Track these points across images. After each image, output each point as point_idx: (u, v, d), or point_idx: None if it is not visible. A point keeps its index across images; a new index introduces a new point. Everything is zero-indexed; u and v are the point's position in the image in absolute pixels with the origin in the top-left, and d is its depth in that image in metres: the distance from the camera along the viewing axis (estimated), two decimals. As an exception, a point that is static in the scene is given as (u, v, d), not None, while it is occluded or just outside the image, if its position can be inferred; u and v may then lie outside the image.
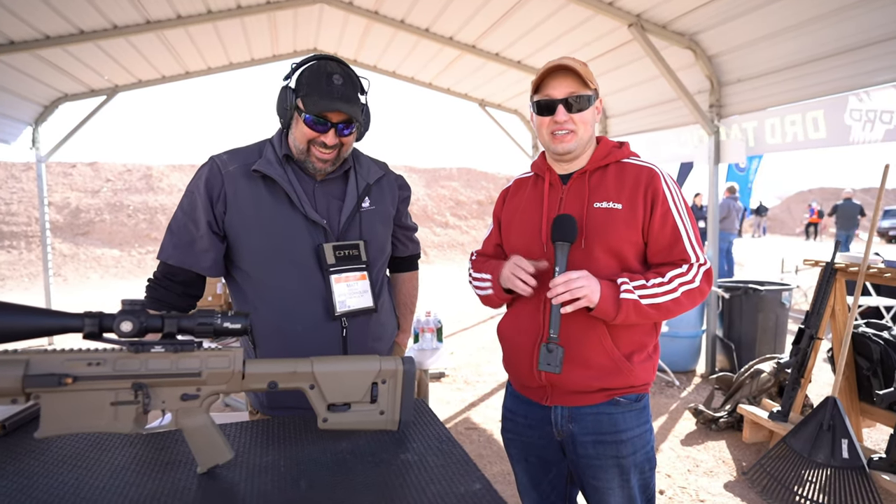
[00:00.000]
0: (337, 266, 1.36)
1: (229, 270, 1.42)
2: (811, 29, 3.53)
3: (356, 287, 1.39)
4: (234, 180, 1.34)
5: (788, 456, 2.59)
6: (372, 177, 1.47)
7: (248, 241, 1.34)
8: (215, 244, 1.35)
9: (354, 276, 1.38)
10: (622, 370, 1.31)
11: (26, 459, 1.00)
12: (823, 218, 22.96)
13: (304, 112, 1.29)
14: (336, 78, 1.29)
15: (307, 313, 1.35)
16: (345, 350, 1.39)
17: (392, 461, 1.00)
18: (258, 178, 1.35)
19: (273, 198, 1.34)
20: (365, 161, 1.50)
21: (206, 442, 0.95)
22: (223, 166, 1.35)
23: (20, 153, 19.48)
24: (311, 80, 1.30)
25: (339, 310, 1.35)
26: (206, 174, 1.35)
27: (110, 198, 14.16)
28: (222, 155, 1.39)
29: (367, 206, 1.44)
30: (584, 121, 1.32)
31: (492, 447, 3.34)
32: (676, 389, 4.34)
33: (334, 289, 1.35)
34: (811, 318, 2.95)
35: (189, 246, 1.35)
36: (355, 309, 1.38)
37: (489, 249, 1.53)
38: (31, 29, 4.41)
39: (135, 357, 0.90)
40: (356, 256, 1.39)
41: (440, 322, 3.42)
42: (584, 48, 5.03)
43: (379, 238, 1.46)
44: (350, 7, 5.27)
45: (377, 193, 1.48)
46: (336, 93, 1.28)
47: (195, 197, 1.35)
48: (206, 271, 1.37)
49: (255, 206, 1.33)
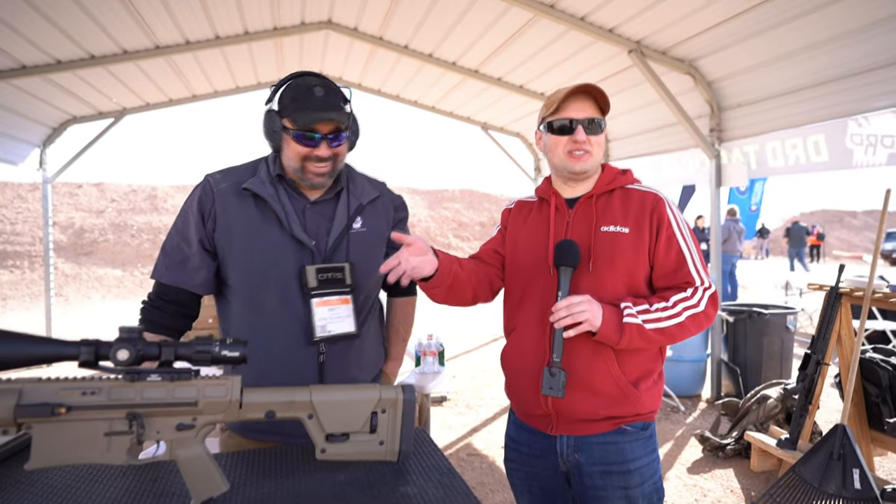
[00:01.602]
0: (319, 289, 1.32)
1: (220, 289, 1.40)
2: (810, 55, 3.57)
3: (338, 311, 1.34)
4: (225, 198, 1.34)
5: (798, 486, 2.53)
6: (365, 197, 1.44)
7: (235, 259, 1.33)
8: (206, 262, 1.34)
9: (338, 300, 1.34)
10: (629, 397, 1.29)
11: (15, 492, 0.98)
12: (823, 240, 23.17)
13: (293, 130, 1.29)
14: (317, 90, 1.29)
15: (284, 335, 1.32)
16: (321, 377, 1.34)
17: (391, 494, 0.97)
18: (249, 196, 1.34)
19: (262, 216, 1.33)
20: (360, 181, 1.48)
21: (200, 473, 0.92)
22: (215, 184, 1.36)
23: (27, 174, 19.68)
24: (293, 97, 1.29)
25: (318, 334, 1.32)
26: (199, 193, 1.36)
27: (115, 218, 14.25)
28: (216, 174, 1.39)
29: (357, 228, 1.41)
30: (598, 143, 1.34)
31: (494, 475, 3.27)
32: (682, 415, 4.27)
33: (314, 312, 1.32)
34: (817, 343, 2.91)
35: (182, 264, 1.34)
36: (336, 334, 1.34)
37: (485, 254, 1.49)
38: (43, 53, 4.50)
39: (130, 386, 0.89)
40: (340, 280, 1.35)
41: (442, 345, 3.38)
42: (584, 73, 5.10)
43: (368, 261, 1.41)
44: (355, 33, 5.37)
45: (370, 214, 1.44)
46: (320, 104, 1.28)
47: (188, 216, 1.35)
48: (198, 289, 1.36)
49: (243, 224, 1.33)
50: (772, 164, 4.24)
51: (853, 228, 33.51)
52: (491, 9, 4.33)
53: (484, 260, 1.47)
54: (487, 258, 1.47)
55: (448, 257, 1.32)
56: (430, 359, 3.27)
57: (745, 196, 13.20)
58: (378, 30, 5.27)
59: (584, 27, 4.14)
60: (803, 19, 3.35)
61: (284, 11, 4.85)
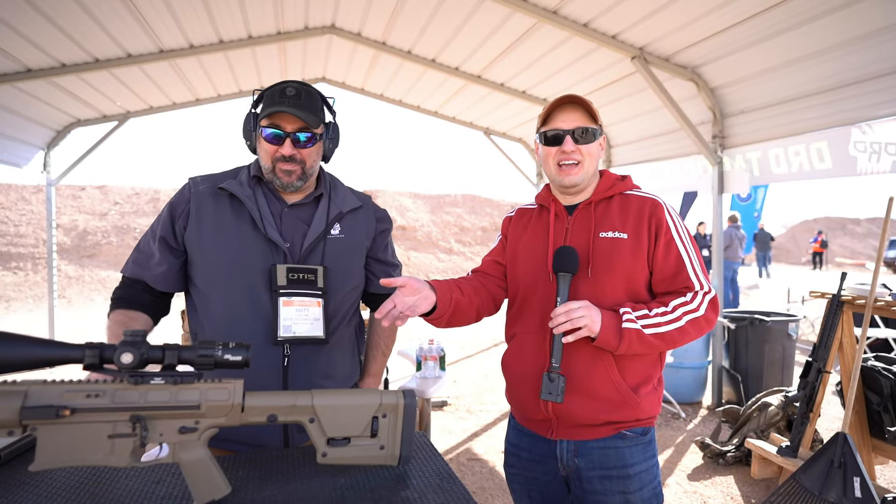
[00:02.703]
0: (287, 288, 1.30)
1: (188, 287, 1.41)
2: (813, 62, 3.58)
3: (306, 313, 1.32)
4: (201, 198, 1.37)
5: (799, 493, 2.52)
6: (346, 206, 1.44)
7: (203, 257, 1.34)
8: (167, 258, 1.36)
9: (307, 302, 1.32)
10: (629, 403, 1.30)
11: (20, 493, 0.98)
12: (826, 248, 23.14)
13: (263, 127, 1.33)
14: (289, 90, 1.32)
15: (248, 333, 1.29)
16: (285, 382, 1.30)
17: (392, 498, 0.98)
18: (225, 196, 1.37)
19: (236, 217, 1.35)
20: (342, 190, 1.48)
21: (203, 476, 0.93)
22: (194, 186, 1.40)
23: (31, 176, 19.77)
24: (267, 96, 1.34)
25: (281, 334, 1.29)
26: (177, 194, 1.41)
27: (117, 220, 14.29)
28: (199, 177, 1.43)
29: (335, 234, 1.40)
30: (590, 153, 1.34)
31: (494, 479, 3.27)
32: (682, 422, 4.26)
33: (280, 311, 1.29)
34: (819, 350, 2.90)
35: (147, 259, 1.38)
36: (301, 336, 1.30)
37: (487, 266, 1.51)
38: (48, 57, 4.53)
39: (134, 389, 0.89)
40: (312, 281, 1.33)
41: (443, 350, 3.39)
42: (587, 79, 5.11)
43: (343, 267, 1.40)
44: (358, 38, 5.40)
45: (350, 222, 1.44)
46: (287, 101, 1.31)
47: (162, 214, 1.40)
48: (156, 282, 1.36)
49: (215, 222, 1.35)
50: (775, 170, 4.25)
51: (856, 236, 33.44)
52: (494, 14, 4.35)
53: (487, 272, 1.49)
54: (490, 270, 1.50)
55: (446, 286, 1.32)
56: (430, 363, 3.28)
57: (747, 203, 13.18)
58: (381, 35, 5.30)
59: (586, 33, 4.16)
60: (808, 26, 3.36)
61: (288, 16, 4.89)
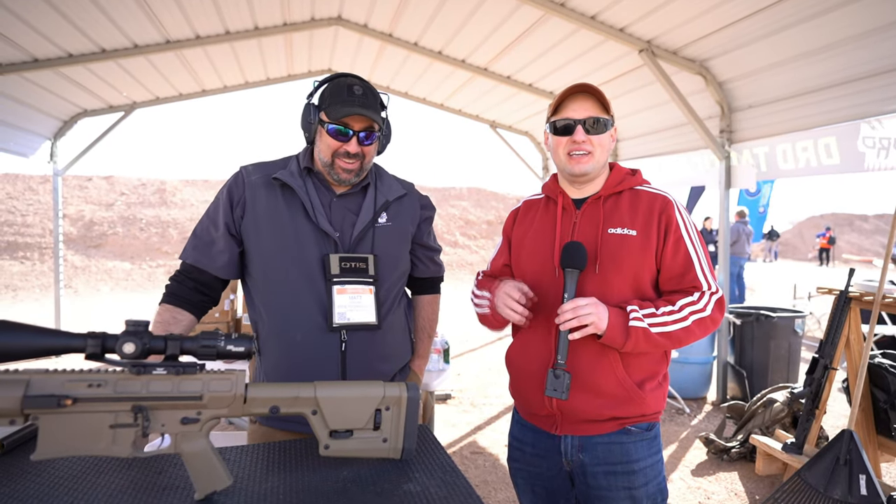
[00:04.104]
0: (341, 277, 1.35)
1: (244, 276, 1.45)
2: (822, 57, 3.53)
3: (360, 300, 1.37)
4: (255, 188, 1.40)
5: (804, 490, 2.51)
6: (392, 194, 1.48)
7: (259, 246, 1.38)
8: (231, 246, 1.40)
9: (359, 289, 1.37)
10: (634, 399, 1.29)
11: (21, 481, 0.98)
12: (834, 244, 22.96)
13: (328, 123, 1.35)
14: (356, 88, 1.35)
15: (306, 321, 1.34)
16: (343, 365, 1.36)
17: (394, 491, 0.97)
18: (277, 187, 1.40)
19: (288, 206, 1.38)
20: (387, 178, 1.53)
21: (204, 467, 0.93)
22: (247, 175, 1.43)
23: (38, 166, 19.86)
24: (332, 92, 1.36)
25: (336, 321, 1.34)
26: (231, 182, 1.44)
27: (124, 211, 14.36)
28: (249, 166, 1.46)
29: (382, 222, 1.45)
30: (601, 143, 1.32)
31: (497, 473, 3.27)
32: (687, 417, 4.25)
33: (335, 299, 1.34)
34: (825, 347, 2.88)
35: (207, 247, 1.40)
36: (355, 322, 1.36)
37: (497, 269, 1.51)
38: (55, 47, 4.53)
39: (136, 379, 0.89)
40: (363, 269, 1.38)
41: (447, 343, 3.38)
42: (595, 72, 5.07)
43: (392, 254, 1.45)
44: (365, 29, 5.37)
45: (396, 210, 1.48)
46: (357, 101, 1.34)
47: (219, 202, 1.43)
48: (219, 271, 1.40)
49: (269, 212, 1.38)
50: (782, 166, 4.20)
51: (864, 232, 33.18)
52: (501, 7, 4.31)
53: (499, 277, 1.48)
54: (501, 273, 1.50)
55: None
56: (434, 356, 3.27)
57: (754, 198, 13.10)
58: (388, 27, 5.26)
59: (594, 26, 4.12)
60: (817, 20, 3.31)
61: (294, 7, 4.86)
